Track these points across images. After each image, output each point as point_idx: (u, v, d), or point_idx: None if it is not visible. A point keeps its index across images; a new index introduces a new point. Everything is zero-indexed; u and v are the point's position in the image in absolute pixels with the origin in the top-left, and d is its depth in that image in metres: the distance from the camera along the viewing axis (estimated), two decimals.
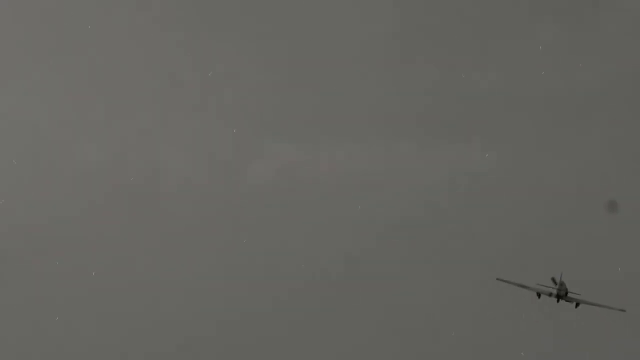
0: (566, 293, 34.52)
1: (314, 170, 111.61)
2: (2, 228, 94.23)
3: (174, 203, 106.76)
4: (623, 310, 35.47)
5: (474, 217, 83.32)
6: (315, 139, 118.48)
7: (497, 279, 36.86)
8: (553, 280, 34.05)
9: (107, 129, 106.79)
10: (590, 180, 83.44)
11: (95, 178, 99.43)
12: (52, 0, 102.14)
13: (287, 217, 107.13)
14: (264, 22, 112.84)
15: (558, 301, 34.31)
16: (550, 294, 34.43)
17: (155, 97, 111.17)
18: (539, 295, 34.92)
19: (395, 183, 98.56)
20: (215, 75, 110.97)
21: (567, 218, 75.76)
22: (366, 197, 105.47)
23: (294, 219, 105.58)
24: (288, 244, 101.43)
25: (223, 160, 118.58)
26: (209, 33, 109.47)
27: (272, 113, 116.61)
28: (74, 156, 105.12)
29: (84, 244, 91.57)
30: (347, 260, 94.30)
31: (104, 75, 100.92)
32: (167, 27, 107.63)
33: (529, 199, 79.54)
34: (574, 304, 34.35)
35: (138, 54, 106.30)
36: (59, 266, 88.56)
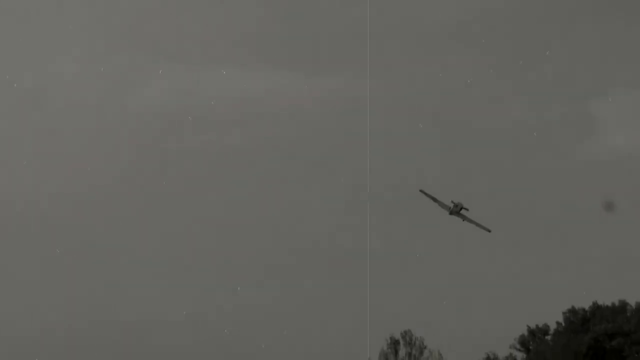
0: (460, 210, 43.57)
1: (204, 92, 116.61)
2: None
3: (62, 117, 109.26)
4: (489, 230, 44.12)
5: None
6: (204, 63, 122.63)
7: (420, 190, 44.47)
8: (452, 201, 43.97)
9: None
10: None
11: None
12: None
13: (177, 135, 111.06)
14: None
15: (450, 214, 43.93)
16: (448, 209, 43.72)
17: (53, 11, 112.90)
18: (442, 207, 44.69)
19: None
20: None
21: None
22: (252, 123, 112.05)
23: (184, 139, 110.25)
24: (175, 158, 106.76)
25: (114, 79, 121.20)
26: None
27: (163, 38, 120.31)
28: None
29: None
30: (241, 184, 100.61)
31: None
32: None
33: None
34: (461, 219, 44.29)
35: None
36: None
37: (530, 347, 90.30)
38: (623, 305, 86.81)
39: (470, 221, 45.29)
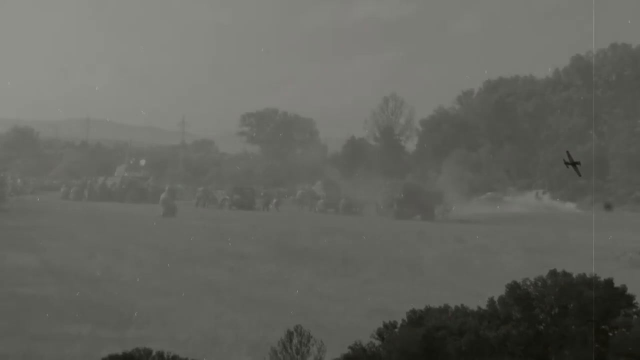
0: (575, 164, 65.90)
1: None
2: None
3: None
4: (580, 175, 66.94)
5: None
6: None
7: (567, 151, 67.48)
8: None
9: None
10: None
11: None
12: None
13: None
14: None
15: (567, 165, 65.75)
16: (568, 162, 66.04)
17: None
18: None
19: None
20: None
21: None
22: None
23: None
24: None
25: None
26: None
27: None
28: None
29: None
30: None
31: None
32: None
33: None
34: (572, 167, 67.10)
35: None
36: None
37: (385, 337, 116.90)
38: (446, 308, 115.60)
39: (576, 170, 65.39)
